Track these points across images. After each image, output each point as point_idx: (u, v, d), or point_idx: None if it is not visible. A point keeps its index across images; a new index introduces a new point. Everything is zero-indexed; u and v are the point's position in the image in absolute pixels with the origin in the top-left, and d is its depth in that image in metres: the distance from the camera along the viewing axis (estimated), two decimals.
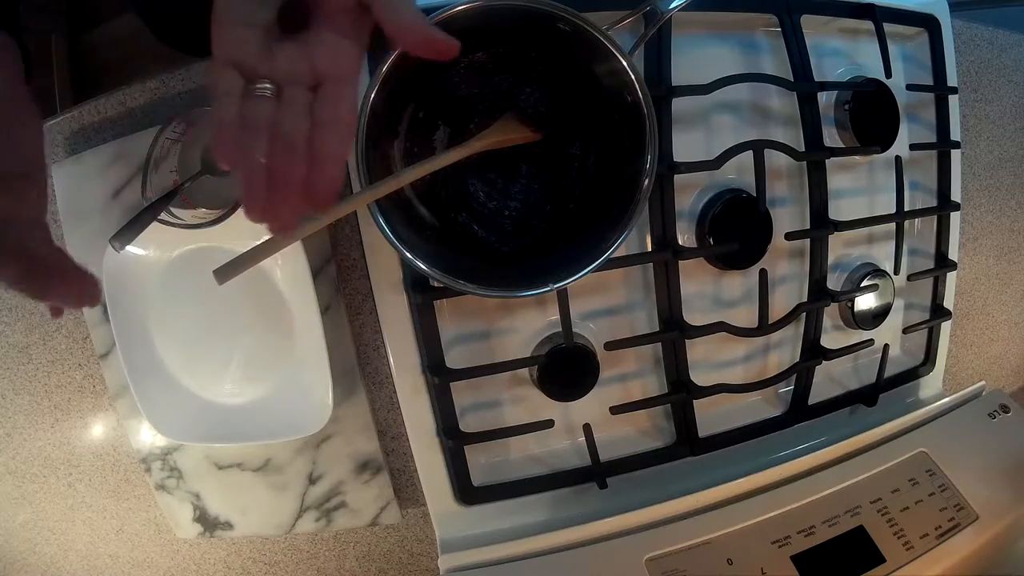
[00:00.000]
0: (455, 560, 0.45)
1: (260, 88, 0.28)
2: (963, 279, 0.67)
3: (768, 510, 0.47)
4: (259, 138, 0.27)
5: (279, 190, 0.27)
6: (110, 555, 0.54)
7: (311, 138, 0.28)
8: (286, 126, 0.28)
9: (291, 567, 0.55)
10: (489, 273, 0.41)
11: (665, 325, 0.51)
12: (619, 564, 0.44)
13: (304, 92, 0.28)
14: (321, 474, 0.52)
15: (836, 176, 0.55)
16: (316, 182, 0.28)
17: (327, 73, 0.29)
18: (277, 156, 0.27)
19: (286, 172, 0.27)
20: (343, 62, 0.29)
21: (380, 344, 0.50)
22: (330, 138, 0.28)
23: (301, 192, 0.28)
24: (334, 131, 0.28)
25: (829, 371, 0.58)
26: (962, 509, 0.48)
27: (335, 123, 0.28)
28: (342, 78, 0.29)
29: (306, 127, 0.28)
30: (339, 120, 0.29)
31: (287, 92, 0.28)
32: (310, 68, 0.28)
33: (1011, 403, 0.55)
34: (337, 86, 0.29)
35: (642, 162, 0.40)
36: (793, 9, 0.51)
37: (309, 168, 0.28)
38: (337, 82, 0.29)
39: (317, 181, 0.28)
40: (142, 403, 0.47)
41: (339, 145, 0.28)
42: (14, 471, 0.53)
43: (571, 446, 0.52)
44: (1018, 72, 0.69)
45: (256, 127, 0.27)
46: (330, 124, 0.28)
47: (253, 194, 0.27)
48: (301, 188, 0.28)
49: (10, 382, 0.51)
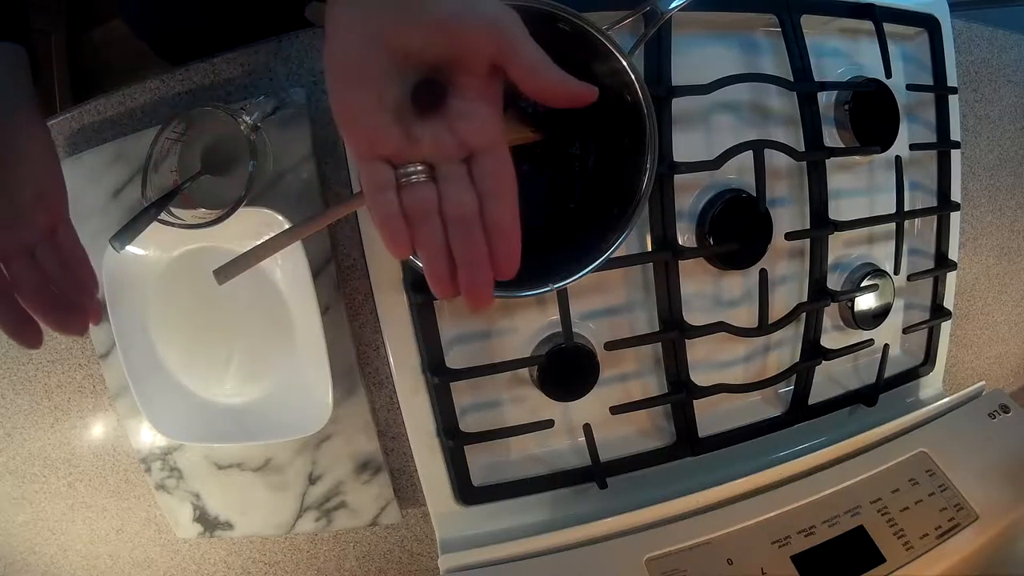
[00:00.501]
0: (455, 560, 0.45)
1: (414, 173, 0.28)
2: (963, 279, 0.67)
3: (768, 510, 0.47)
4: (432, 225, 0.28)
5: (470, 271, 0.28)
6: (110, 555, 0.54)
7: (484, 213, 0.28)
8: (456, 206, 0.28)
9: (291, 567, 0.55)
10: None
11: (665, 325, 0.51)
12: (619, 564, 0.44)
13: (460, 166, 0.28)
14: (321, 474, 0.52)
15: (836, 176, 0.55)
16: (501, 254, 0.28)
17: (476, 143, 0.28)
18: (457, 237, 0.28)
19: (471, 253, 0.28)
20: (489, 128, 0.28)
21: (380, 344, 0.50)
22: (502, 208, 0.28)
23: (489, 267, 0.28)
24: (503, 200, 0.28)
25: (829, 371, 0.58)
26: (962, 509, 0.48)
27: (501, 194, 0.28)
28: (492, 145, 0.28)
29: (475, 202, 0.28)
30: (503, 190, 0.28)
31: (443, 170, 0.28)
32: (457, 141, 0.28)
33: (1011, 403, 0.55)
34: (490, 155, 0.28)
35: (642, 162, 0.40)
36: (793, 9, 0.51)
37: (492, 244, 0.28)
38: (488, 151, 0.28)
39: (502, 254, 0.28)
40: (142, 403, 0.47)
41: (512, 212, 0.28)
42: (14, 471, 0.53)
43: (571, 446, 0.52)
44: (1018, 72, 0.69)
45: (426, 215, 0.28)
46: (496, 195, 0.28)
47: (444, 280, 0.28)
48: (489, 263, 0.28)
49: (10, 382, 0.51)
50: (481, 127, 0.28)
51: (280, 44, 0.48)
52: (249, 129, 0.42)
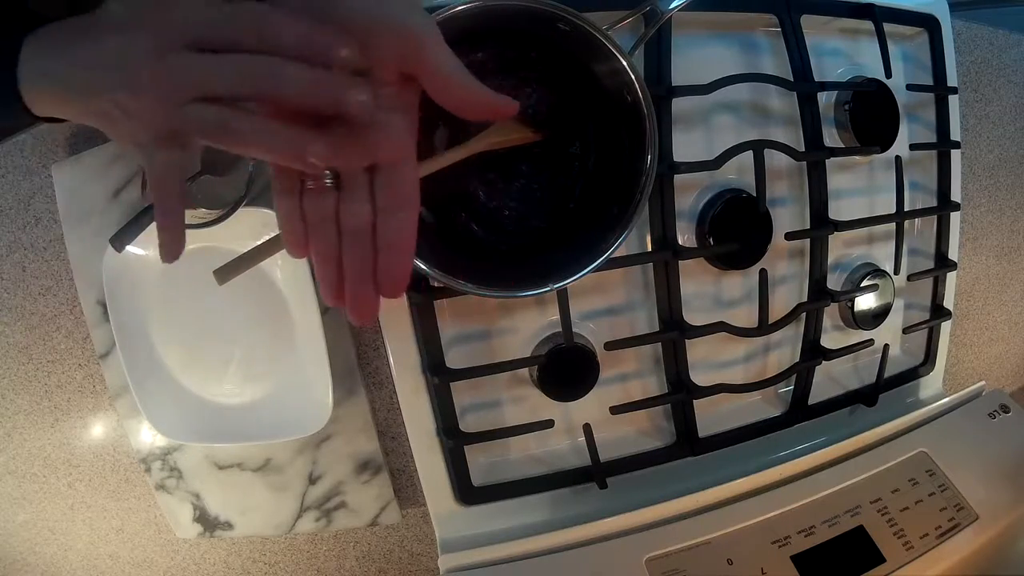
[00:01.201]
0: (455, 560, 0.45)
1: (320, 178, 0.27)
2: (963, 279, 0.67)
3: (768, 510, 0.47)
4: (326, 232, 0.27)
5: (355, 282, 0.27)
6: (110, 555, 0.54)
7: (377, 228, 0.27)
8: (349, 217, 0.27)
9: (291, 567, 0.55)
10: (489, 273, 0.41)
11: (665, 325, 0.51)
12: (619, 564, 0.44)
13: (363, 177, 0.27)
14: (321, 474, 0.52)
15: (836, 176, 0.55)
16: (387, 272, 0.27)
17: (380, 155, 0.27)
18: (347, 248, 0.27)
19: (359, 264, 0.27)
20: (397, 140, 0.27)
21: (380, 344, 0.50)
22: (397, 224, 0.27)
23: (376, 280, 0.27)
24: (397, 218, 0.27)
25: (829, 371, 0.58)
26: (962, 509, 0.48)
27: (397, 209, 0.27)
28: (396, 157, 0.27)
29: (369, 215, 0.27)
30: (402, 206, 0.27)
31: (346, 179, 0.27)
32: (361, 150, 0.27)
33: (1011, 403, 0.55)
34: (394, 170, 0.27)
35: (642, 162, 0.40)
36: (793, 9, 0.51)
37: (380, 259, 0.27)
38: (393, 165, 0.27)
39: (388, 271, 0.27)
40: (142, 403, 0.47)
41: (407, 230, 0.27)
42: (14, 471, 0.53)
43: (571, 446, 0.52)
44: (1018, 72, 0.69)
45: (321, 221, 0.27)
46: (392, 211, 0.27)
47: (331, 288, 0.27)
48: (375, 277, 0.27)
49: (10, 382, 0.51)
50: (387, 138, 0.27)
51: None
52: None
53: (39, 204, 0.49)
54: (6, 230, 0.49)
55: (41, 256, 0.49)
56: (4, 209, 0.49)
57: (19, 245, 0.49)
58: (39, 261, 0.49)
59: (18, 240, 0.49)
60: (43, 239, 0.49)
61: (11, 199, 0.49)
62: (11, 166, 0.48)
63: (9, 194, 0.49)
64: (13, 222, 0.49)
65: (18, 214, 0.49)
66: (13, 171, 0.48)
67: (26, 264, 0.49)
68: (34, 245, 0.49)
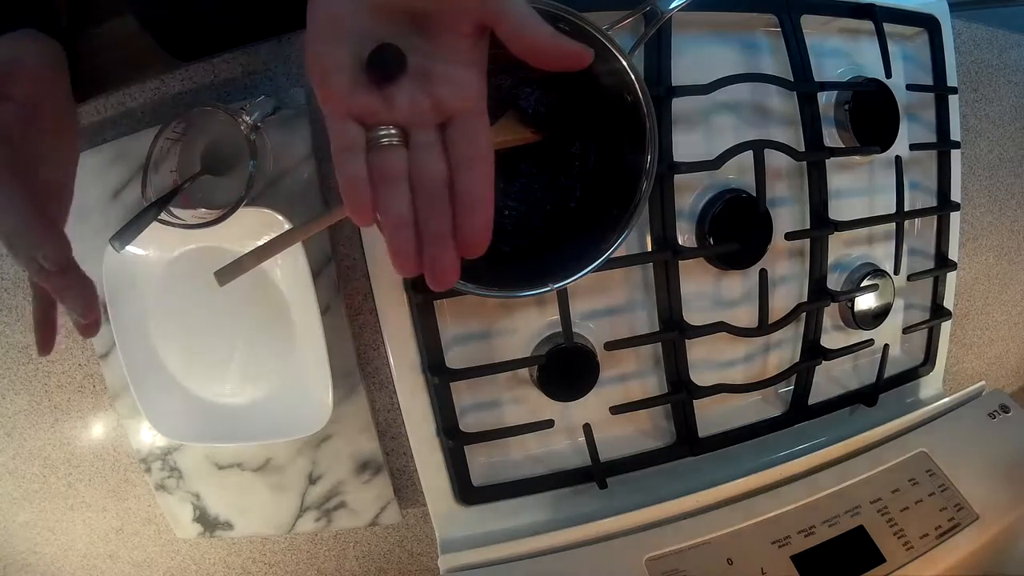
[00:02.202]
0: (455, 560, 0.45)
1: (386, 136, 0.26)
2: (963, 279, 0.67)
3: (768, 510, 0.47)
4: (399, 192, 0.25)
5: (435, 243, 0.25)
6: (110, 555, 0.54)
7: (455, 182, 0.26)
8: (426, 173, 0.26)
9: (291, 567, 0.55)
10: (489, 273, 0.41)
11: (665, 325, 0.51)
12: (619, 564, 0.44)
13: (435, 132, 0.26)
14: (321, 474, 0.52)
15: (836, 176, 0.55)
16: (469, 227, 0.25)
17: (454, 108, 0.26)
18: (424, 208, 0.25)
19: (437, 225, 0.25)
20: (470, 93, 0.26)
21: (380, 344, 0.50)
22: (475, 178, 0.26)
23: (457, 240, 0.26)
24: (476, 171, 0.26)
25: (829, 371, 0.58)
26: (962, 509, 0.48)
27: (475, 161, 0.26)
28: (471, 111, 0.26)
29: (446, 172, 0.26)
30: (478, 158, 0.26)
31: (416, 136, 0.26)
32: (434, 105, 0.26)
33: (1011, 403, 0.55)
34: (467, 121, 0.26)
35: (642, 162, 0.40)
36: (793, 9, 0.51)
37: (459, 215, 0.25)
38: (467, 116, 0.26)
39: (470, 226, 0.25)
40: (142, 403, 0.47)
41: (485, 183, 0.26)
42: (14, 471, 0.53)
43: (571, 446, 0.52)
44: (1018, 72, 0.69)
45: (393, 180, 0.25)
46: (470, 164, 0.26)
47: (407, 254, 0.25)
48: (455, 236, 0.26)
49: (10, 382, 0.51)
50: (460, 92, 0.26)
51: (280, 44, 0.48)
52: (249, 129, 0.42)
53: None
54: None
55: None
56: None
57: None
58: None
59: None
60: None
61: None
62: None
63: None
64: None
65: None
66: None
67: None
68: None
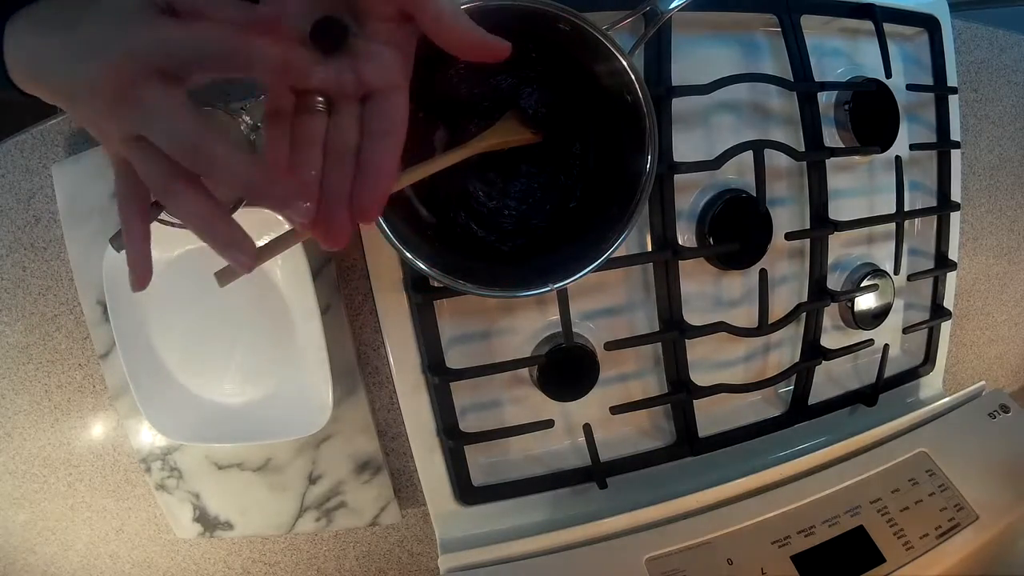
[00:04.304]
0: (455, 560, 0.45)
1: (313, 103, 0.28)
2: (963, 279, 0.67)
3: (768, 510, 0.47)
4: (311, 152, 0.27)
5: (331, 203, 0.27)
6: (110, 555, 0.54)
7: (363, 150, 0.28)
8: (339, 139, 0.28)
9: (291, 567, 0.55)
10: (489, 273, 0.41)
11: (665, 325, 0.51)
12: (619, 564, 0.44)
13: (355, 106, 0.28)
14: (321, 474, 0.52)
15: (836, 176, 0.55)
16: (365, 193, 0.28)
17: (375, 84, 0.28)
18: (329, 169, 0.28)
19: (338, 184, 0.27)
20: (390, 72, 0.28)
21: (380, 344, 0.50)
22: (381, 149, 0.28)
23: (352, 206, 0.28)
24: (384, 143, 0.28)
25: (829, 371, 0.58)
26: (962, 509, 0.48)
27: (385, 135, 0.28)
28: (391, 88, 0.28)
29: (356, 139, 0.28)
30: (389, 132, 0.28)
31: (338, 106, 0.28)
32: (358, 80, 0.28)
33: (1011, 403, 0.55)
34: (385, 97, 0.28)
35: (642, 162, 0.40)
36: (793, 9, 0.51)
37: (360, 181, 0.28)
38: (385, 93, 0.28)
39: (365, 194, 0.28)
40: (142, 403, 0.47)
41: (389, 157, 0.28)
42: (14, 471, 0.53)
43: (571, 446, 0.52)
44: (1018, 72, 0.69)
45: (311, 143, 0.27)
46: (380, 137, 0.28)
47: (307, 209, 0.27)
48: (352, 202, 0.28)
49: (10, 382, 0.51)
50: (382, 69, 0.28)
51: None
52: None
53: (39, 204, 0.49)
54: (6, 230, 0.49)
55: (41, 256, 0.49)
56: (4, 209, 0.49)
57: (19, 245, 0.49)
58: (39, 261, 0.49)
59: (18, 240, 0.49)
60: (43, 239, 0.49)
61: (11, 199, 0.49)
62: (11, 166, 0.48)
63: (9, 194, 0.49)
64: (13, 222, 0.49)
65: (18, 214, 0.49)
66: (13, 171, 0.48)
67: (26, 264, 0.49)
68: (34, 245, 0.49)
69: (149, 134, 0.25)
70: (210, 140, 0.25)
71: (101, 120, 0.26)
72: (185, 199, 0.26)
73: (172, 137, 0.25)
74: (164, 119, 0.25)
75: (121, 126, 0.26)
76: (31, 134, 0.48)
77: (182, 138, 0.25)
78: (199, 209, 0.27)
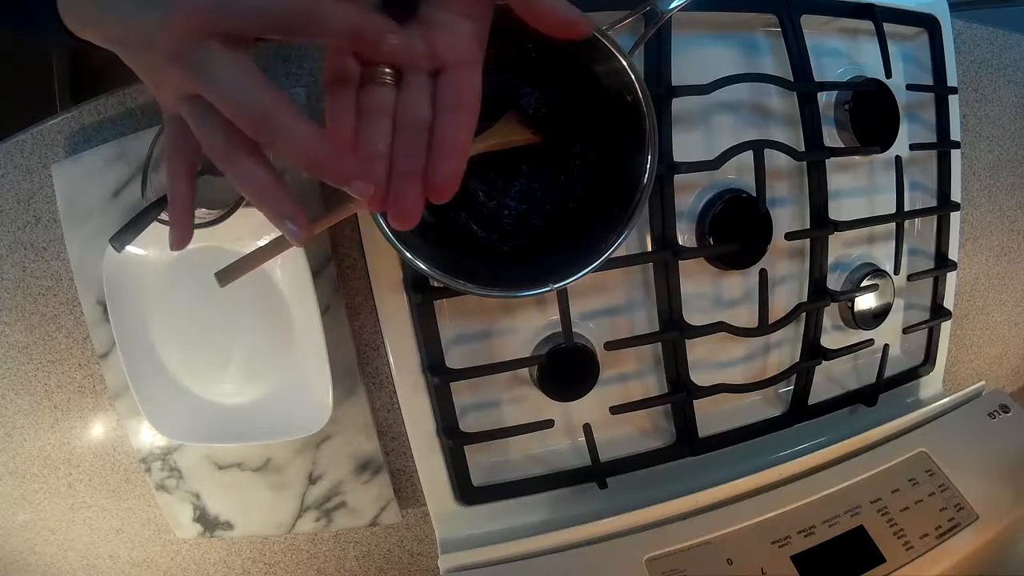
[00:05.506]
0: (455, 560, 0.45)
1: (380, 74, 0.26)
2: (963, 279, 0.67)
3: (768, 510, 0.47)
4: (379, 126, 0.26)
5: (403, 180, 0.26)
6: (110, 555, 0.54)
7: (435, 127, 0.27)
8: (410, 113, 0.26)
9: (291, 567, 0.55)
10: (489, 273, 0.41)
11: (665, 325, 0.51)
12: (619, 564, 0.44)
13: (426, 79, 0.27)
14: (321, 474, 0.52)
15: (836, 176, 0.55)
16: (440, 171, 0.26)
17: (448, 58, 0.27)
18: (400, 145, 0.26)
19: (411, 160, 0.26)
20: (465, 45, 0.27)
21: (380, 344, 0.50)
22: (454, 126, 0.27)
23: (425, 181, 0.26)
24: (458, 119, 0.27)
25: (829, 371, 0.58)
26: (962, 509, 0.48)
27: (459, 110, 0.27)
28: (464, 62, 0.27)
29: (429, 115, 0.27)
30: (463, 107, 0.27)
31: (408, 79, 0.27)
32: (430, 51, 0.27)
33: (1011, 403, 0.55)
34: (459, 71, 0.27)
35: (642, 162, 0.40)
36: (793, 9, 0.51)
37: (432, 158, 0.26)
38: (459, 67, 0.27)
39: (440, 171, 0.26)
40: (142, 403, 0.47)
41: (463, 133, 0.27)
42: (14, 471, 0.53)
43: (571, 446, 0.52)
44: (1018, 72, 0.69)
45: (378, 115, 0.26)
46: (454, 112, 0.27)
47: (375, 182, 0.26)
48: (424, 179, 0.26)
49: (10, 382, 0.51)
50: (457, 41, 0.27)
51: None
52: None
53: (39, 204, 0.49)
54: (6, 230, 0.49)
55: (41, 256, 0.49)
56: (4, 209, 0.49)
57: (19, 245, 0.49)
58: (39, 261, 0.49)
59: (18, 240, 0.49)
60: (43, 239, 0.49)
61: (11, 199, 0.49)
62: (11, 166, 0.48)
63: (9, 194, 0.49)
64: (13, 222, 0.49)
65: (18, 214, 0.49)
66: (13, 171, 0.48)
67: (26, 264, 0.49)
68: (34, 245, 0.49)
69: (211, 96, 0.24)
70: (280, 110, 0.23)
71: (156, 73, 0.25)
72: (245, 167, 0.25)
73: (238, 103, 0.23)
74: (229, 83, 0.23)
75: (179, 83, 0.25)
76: (31, 134, 0.48)
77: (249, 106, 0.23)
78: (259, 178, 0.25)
